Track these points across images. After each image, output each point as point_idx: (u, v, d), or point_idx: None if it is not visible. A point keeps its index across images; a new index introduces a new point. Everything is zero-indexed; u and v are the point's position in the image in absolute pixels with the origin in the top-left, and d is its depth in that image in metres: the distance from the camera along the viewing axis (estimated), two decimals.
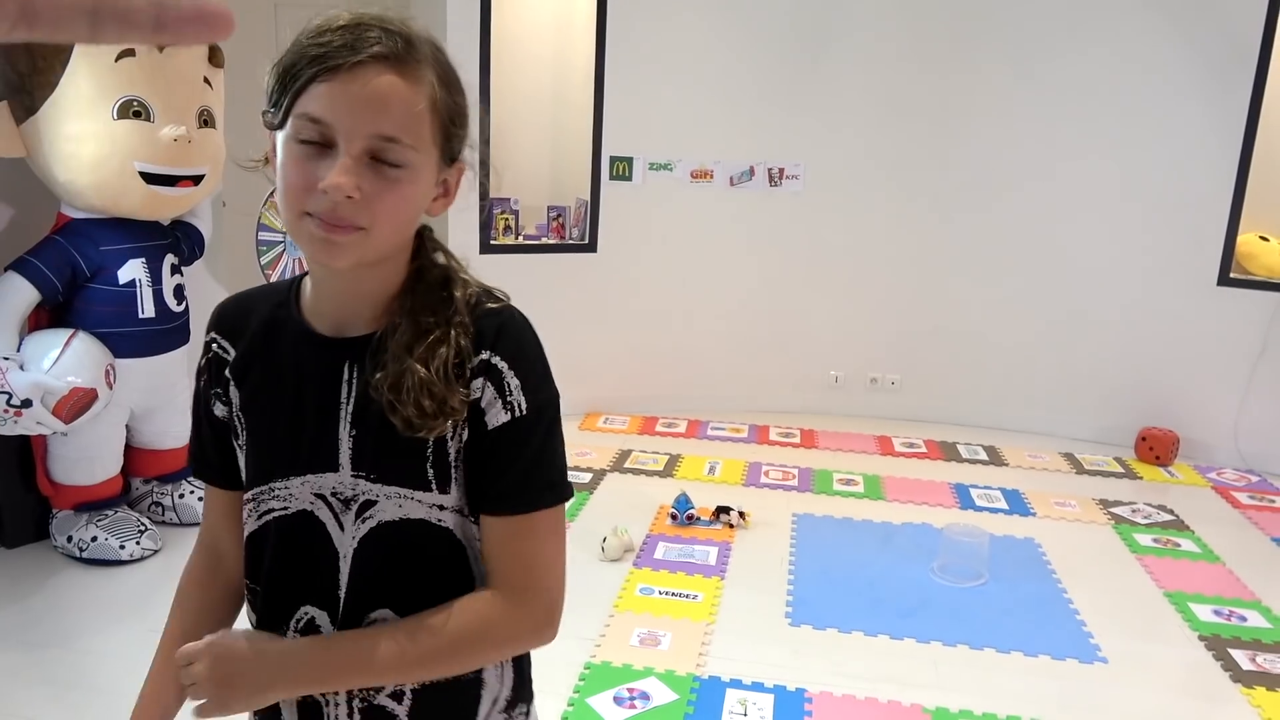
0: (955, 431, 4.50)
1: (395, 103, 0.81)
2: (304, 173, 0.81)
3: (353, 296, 0.90)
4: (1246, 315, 4.14)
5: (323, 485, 0.91)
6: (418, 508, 0.89)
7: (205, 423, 0.99)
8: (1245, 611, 2.86)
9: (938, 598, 2.88)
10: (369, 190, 0.81)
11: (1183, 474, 4.09)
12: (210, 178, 3.03)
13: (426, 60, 0.84)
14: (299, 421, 0.91)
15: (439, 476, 0.89)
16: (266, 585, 0.96)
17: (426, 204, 0.89)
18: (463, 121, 0.89)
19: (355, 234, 0.82)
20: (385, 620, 0.90)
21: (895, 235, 4.55)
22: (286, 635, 0.94)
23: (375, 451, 0.89)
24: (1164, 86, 4.13)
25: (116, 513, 2.95)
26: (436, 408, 0.85)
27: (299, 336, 0.92)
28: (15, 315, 2.69)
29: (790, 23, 4.39)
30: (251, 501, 0.95)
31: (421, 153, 0.84)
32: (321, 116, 0.81)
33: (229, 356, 0.96)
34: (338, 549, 0.91)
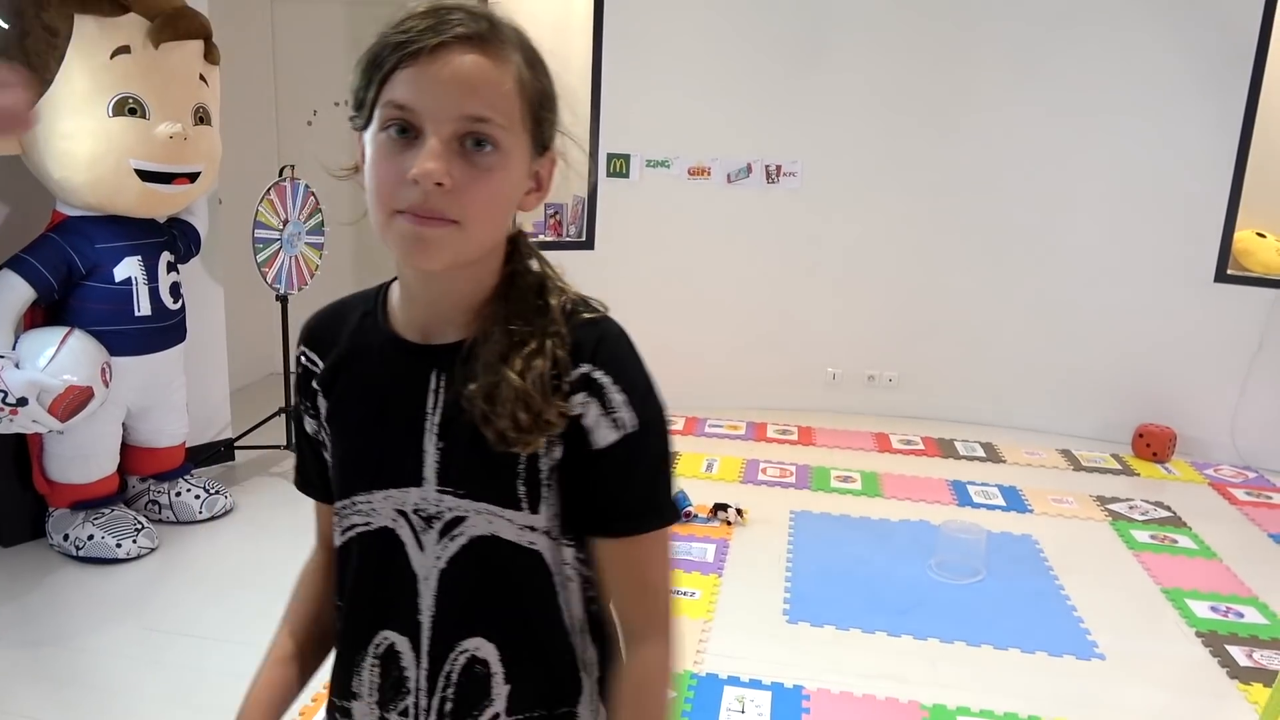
0: (953, 429, 4.50)
1: (481, 82, 0.78)
2: (393, 166, 0.77)
3: (443, 302, 0.85)
4: (1243, 312, 4.14)
5: (405, 501, 0.87)
6: (507, 527, 0.85)
7: (303, 437, 0.97)
8: (1242, 608, 2.86)
9: (935, 595, 2.88)
10: (460, 179, 0.77)
11: (1180, 471, 4.09)
12: (206, 175, 3.02)
13: (511, 42, 0.81)
14: (382, 433, 0.88)
15: (530, 495, 0.84)
16: (348, 605, 0.93)
17: (519, 197, 0.84)
18: (552, 107, 0.85)
19: (448, 228, 0.77)
20: (478, 653, 0.86)
21: (892, 233, 4.55)
22: (365, 661, 0.90)
23: (464, 465, 0.85)
24: (1161, 84, 4.13)
25: (113, 511, 2.94)
26: (532, 421, 0.80)
27: (385, 344, 0.88)
28: (11, 313, 2.68)
29: (787, 20, 4.39)
30: (339, 516, 0.92)
31: (512, 134, 0.80)
32: (407, 102, 0.77)
33: (316, 369, 0.93)
34: (416, 571, 0.87)
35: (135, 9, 2.72)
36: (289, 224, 3.54)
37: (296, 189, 3.55)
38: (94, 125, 2.70)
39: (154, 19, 2.76)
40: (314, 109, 4.86)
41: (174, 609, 2.65)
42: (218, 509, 3.22)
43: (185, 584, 2.80)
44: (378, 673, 0.91)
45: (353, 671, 0.92)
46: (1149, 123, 4.18)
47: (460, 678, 0.88)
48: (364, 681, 0.91)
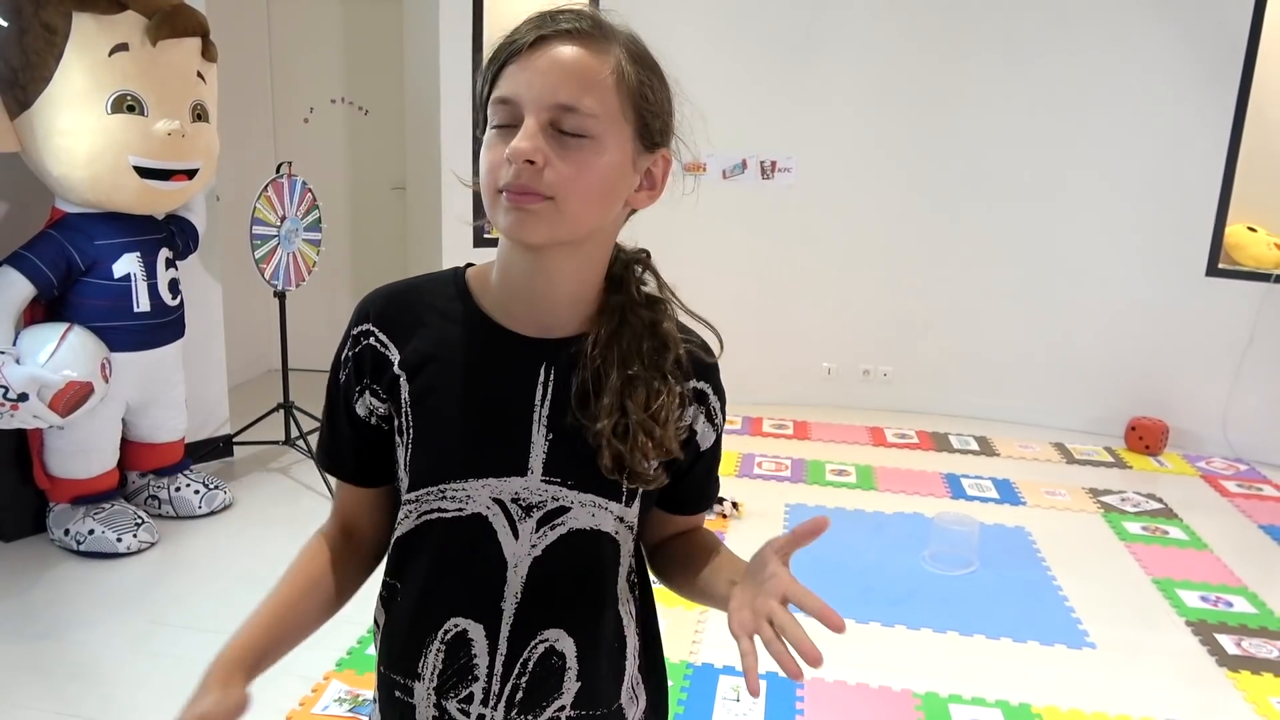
0: (947, 422, 4.53)
1: (576, 72, 0.81)
2: (496, 152, 0.81)
3: (549, 294, 0.87)
4: (1235, 305, 4.17)
5: (504, 490, 0.88)
6: (607, 518, 0.89)
7: (343, 418, 0.94)
8: (1232, 597, 2.90)
9: (928, 585, 2.91)
10: (554, 158, 0.80)
11: (1172, 463, 4.13)
12: (204, 172, 3.04)
13: (614, 38, 0.84)
14: (485, 422, 0.88)
15: (630, 490, 0.89)
16: (417, 591, 0.92)
17: (623, 188, 0.86)
18: (660, 106, 0.87)
19: (543, 203, 0.80)
20: (556, 644, 0.90)
21: (887, 228, 4.57)
22: (432, 646, 0.90)
23: (573, 457, 0.87)
24: (1153, 80, 4.16)
25: (113, 506, 2.96)
26: (656, 460, 0.87)
27: (485, 332, 0.89)
28: (11, 309, 2.70)
29: (783, 16, 4.41)
30: (414, 502, 0.90)
31: (606, 124, 0.82)
32: (508, 95, 0.81)
33: (390, 351, 0.90)
34: (507, 559, 0.88)
35: (133, 6, 2.74)
36: (286, 220, 3.56)
37: (294, 185, 3.57)
38: (93, 122, 2.72)
39: (152, 16, 2.77)
40: (310, 106, 4.88)
41: (174, 603, 2.67)
42: (217, 504, 3.24)
43: (185, 578, 2.82)
44: (442, 658, 0.91)
45: (419, 654, 0.92)
46: (1140, 119, 4.21)
47: (536, 667, 0.90)
48: (428, 665, 0.92)
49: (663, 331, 0.89)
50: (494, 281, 0.90)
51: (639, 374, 0.86)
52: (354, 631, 2.50)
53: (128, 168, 2.78)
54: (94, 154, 2.73)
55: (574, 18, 0.83)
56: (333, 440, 0.96)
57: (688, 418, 0.91)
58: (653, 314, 0.89)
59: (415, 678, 0.93)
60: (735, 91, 4.42)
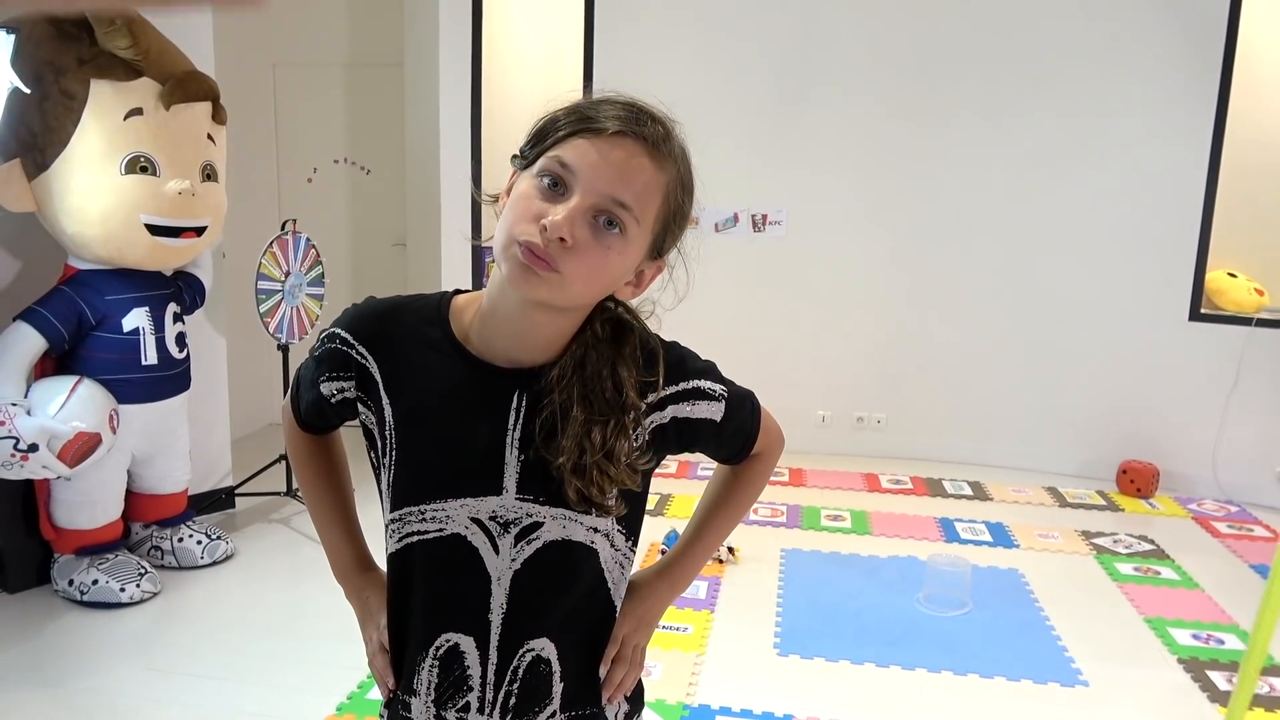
0: (940, 468, 4.58)
1: (639, 179, 0.88)
2: (534, 207, 0.86)
3: (530, 334, 0.93)
4: (1219, 349, 4.26)
5: (481, 509, 0.94)
6: (578, 529, 0.95)
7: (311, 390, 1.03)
8: (1223, 635, 2.93)
9: (923, 626, 2.94)
10: (581, 242, 0.86)
11: (1164, 505, 4.17)
12: (212, 229, 3.14)
13: (675, 157, 0.92)
14: (462, 445, 0.94)
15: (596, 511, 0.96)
16: (406, 610, 0.99)
17: (619, 283, 0.93)
18: (681, 224, 0.96)
19: (552, 275, 0.86)
20: (542, 652, 0.97)
21: (876, 278, 4.68)
22: (425, 662, 0.98)
23: (544, 475, 0.93)
24: (1131, 131, 4.30)
25: (117, 556, 3.01)
26: (612, 492, 0.94)
27: (462, 361, 0.95)
28: (23, 363, 2.78)
29: (771, 75, 4.58)
30: (396, 522, 0.97)
31: (639, 231, 0.89)
32: (572, 164, 0.86)
33: (371, 365, 0.97)
34: (490, 573, 0.95)
35: (148, 74, 2.87)
36: (290, 275, 3.66)
37: (298, 242, 3.67)
38: (107, 183, 2.83)
39: (165, 82, 2.90)
40: (314, 166, 5.02)
41: (176, 651, 2.70)
42: (219, 554, 3.28)
43: (187, 627, 2.85)
44: (436, 672, 0.98)
45: (413, 670, 1.00)
46: (1119, 169, 4.34)
47: (526, 674, 0.98)
48: (423, 680, 0.99)
49: (622, 363, 0.94)
50: (481, 311, 0.96)
51: (595, 415, 0.92)
52: (354, 676, 2.53)
53: (139, 225, 2.88)
54: (107, 212, 2.84)
55: (656, 127, 0.90)
56: (307, 407, 1.07)
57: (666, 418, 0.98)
58: (615, 347, 0.95)
59: (412, 693, 1.00)
60: (726, 147, 4.56)
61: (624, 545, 1.02)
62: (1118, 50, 4.28)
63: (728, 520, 1.13)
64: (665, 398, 0.97)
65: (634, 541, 1.03)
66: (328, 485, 1.14)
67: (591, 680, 1.03)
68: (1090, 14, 4.30)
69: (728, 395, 1.02)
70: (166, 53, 2.97)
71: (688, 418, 0.99)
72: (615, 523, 0.99)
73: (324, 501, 1.14)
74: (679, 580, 1.12)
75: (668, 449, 1.01)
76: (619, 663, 1.04)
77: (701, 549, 1.13)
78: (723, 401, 1.02)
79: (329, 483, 1.14)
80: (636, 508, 1.02)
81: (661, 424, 0.98)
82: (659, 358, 0.97)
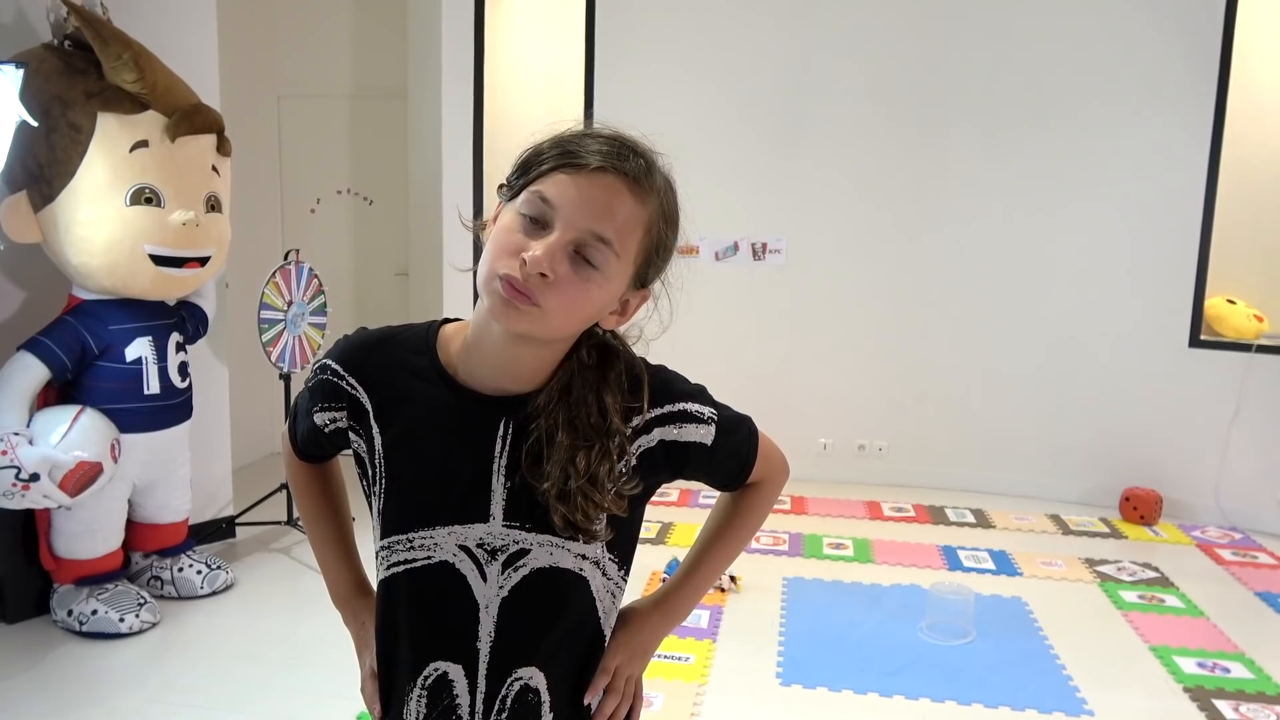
0: (943, 496, 4.57)
1: (620, 214, 0.88)
2: (515, 241, 0.88)
3: (514, 364, 0.94)
4: (1219, 376, 4.26)
5: (468, 536, 0.94)
6: (565, 556, 0.95)
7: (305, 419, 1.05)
8: (1229, 663, 2.91)
9: (926, 656, 2.92)
10: (561, 276, 0.86)
11: (1167, 533, 4.16)
12: (215, 259, 3.16)
13: (657, 190, 0.92)
14: (449, 473, 0.94)
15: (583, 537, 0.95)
16: (396, 636, 0.99)
17: (603, 313, 0.94)
18: (666, 255, 0.96)
19: (532, 309, 0.87)
20: (530, 681, 0.96)
21: (877, 305, 4.70)
22: (413, 692, 0.97)
23: (530, 502, 0.93)
24: (1128, 158, 4.34)
25: (116, 586, 3.00)
26: (598, 518, 0.93)
27: (449, 390, 0.95)
28: (26, 392, 2.79)
29: (770, 104, 4.63)
30: (385, 550, 0.97)
31: (620, 264, 0.90)
32: (552, 199, 0.87)
33: (361, 395, 0.98)
34: (478, 600, 0.94)
35: (154, 106, 2.90)
36: (293, 305, 3.68)
37: (301, 272, 3.70)
38: (112, 214, 2.85)
39: (171, 115, 2.94)
40: (317, 197, 5.06)
41: (176, 682, 2.68)
42: (219, 584, 3.27)
43: (186, 658, 2.83)
44: (425, 702, 0.97)
45: (402, 700, 0.99)
46: (1118, 195, 4.37)
47: (514, 704, 0.97)
48: (412, 710, 0.98)
49: (607, 387, 0.95)
50: (466, 341, 0.96)
51: (580, 441, 0.92)
52: (353, 707, 2.51)
53: (143, 256, 2.90)
54: (112, 243, 2.86)
55: (638, 162, 0.90)
56: (302, 435, 1.09)
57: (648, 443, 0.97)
58: (600, 372, 0.96)
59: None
60: (725, 177, 4.60)
61: (615, 574, 1.01)
62: (1114, 80, 4.32)
63: (728, 550, 1.12)
64: (651, 420, 0.97)
65: (625, 571, 1.02)
66: (326, 512, 1.16)
67: (580, 711, 1.02)
68: (1086, 44, 4.35)
69: (718, 419, 1.01)
70: (173, 86, 3.00)
71: (675, 440, 0.98)
72: (606, 551, 0.98)
73: (323, 528, 1.15)
74: (676, 611, 1.10)
75: (658, 474, 0.99)
76: (610, 694, 1.03)
77: (700, 579, 1.11)
78: (712, 425, 1.00)
79: (327, 510, 1.16)
80: (628, 536, 1.01)
81: (649, 448, 0.97)
82: (644, 382, 0.97)
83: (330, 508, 1.16)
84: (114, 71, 2.81)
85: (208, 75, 3.49)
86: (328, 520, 1.16)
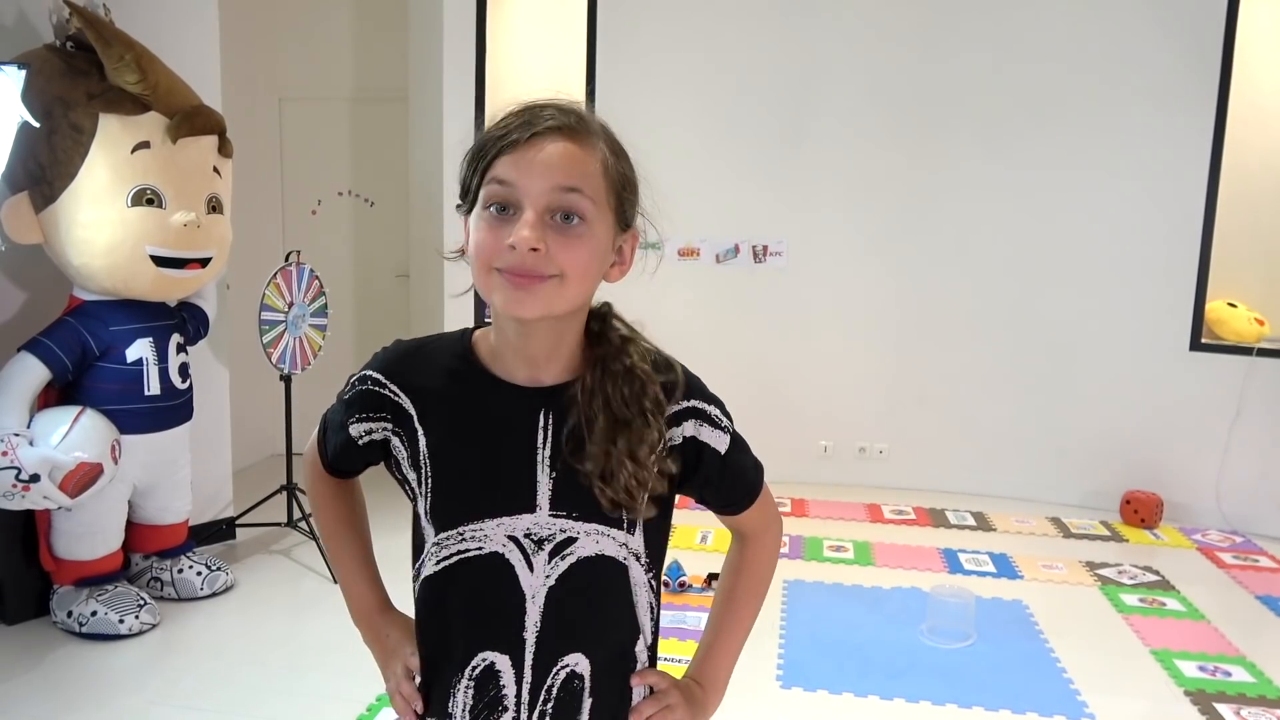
0: (943, 499, 4.56)
1: (571, 162, 0.90)
2: (493, 235, 0.90)
3: (540, 351, 0.97)
4: (1220, 379, 4.26)
5: (516, 526, 0.97)
6: (610, 544, 0.98)
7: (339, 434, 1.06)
8: (1230, 667, 2.90)
9: (926, 659, 2.91)
10: (553, 244, 0.89)
11: (1168, 536, 4.15)
12: (216, 261, 3.17)
13: (596, 132, 0.94)
14: (495, 466, 0.98)
15: (630, 520, 0.99)
16: (445, 628, 1.01)
17: (606, 265, 0.96)
18: (633, 190, 0.98)
19: (548, 282, 0.89)
20: (576, 668, 0.99)
21: (877, 308, 4.70)
22: (460, 684, 0.99)
23: (575, 491, 0.96)
24: (1129, 161, 4.34)
25: (116, 588, 2.99)
26: (642, 494, 0.96)
27: (488, 387, 0.98)
28: (27, 393, 2.79)
29: (771, 107, 4.63)
30: (435, 546, 1.00)
31: (597, 209, 0.92)
32: (507, 178, 0.90)
33: (405, 403, 1.00)
34: (525, 591, 0.97)
35: (156, 108, 2.90)
36: (294, 306, 3.68)
37: (301, 273, 3.70)
38: (113, 215, 2.85)
39: (173, 116, 2.94)
40: (318, 198, 5.07)
41: (176, 684, 2.68)
42: (219, 586, 3.27)
43: (186, 659, 2.83)
44: (471, 694, 0.99)
45: (446, 694, 1.01)
46: (1119, 199, 4.37)
47: (560, 691, 0.99)
48: (458, 703, 1.00)
49: (639, 373, 0.98)
50: (492, 343, 1.00)
51: (621, 420, 0.95)
52: (354, 709, 2.50)
53: (144, 257, 2.91)
54: (113, 244, 2.86)
55: (561, 114, 0.92)
56: (333, 450, 1.09)
57: (679, 436, 1.00)
58: (629, 358, 0.99)
59: (446, 717, 1.01)
60: (726, 180, 4.60)
61: (649, 574, 1.04)
62: (1115, 82, 4.33)
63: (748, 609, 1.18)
64: (683, 411, 1.00)
65: (656, 575, 1.05)
66: (349, 530, 1.16)
67: (623, 699, 1.04)
68: (1087, 47, 4.35)
69: (733, 432, 1.05)
70: (175, 87, 3.01)
71: (695, 437, 1.01)
72: (643, 547, 1.02)
73: (345, 545, 1.16)
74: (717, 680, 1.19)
75: (683, 468, 1.02)
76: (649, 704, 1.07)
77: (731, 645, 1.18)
78: (729, 435, 1.04)
79: (350, 527, 1.16)
80: (658, 541, 1.04)
81: (677, 442, 1.00)
82: (676, 369, 1.02)
83: (353, 525, 1.17)
84: (116, 73, 2.81)
85: (209, 77, 3.49)
86: (350, 537, 1.16)
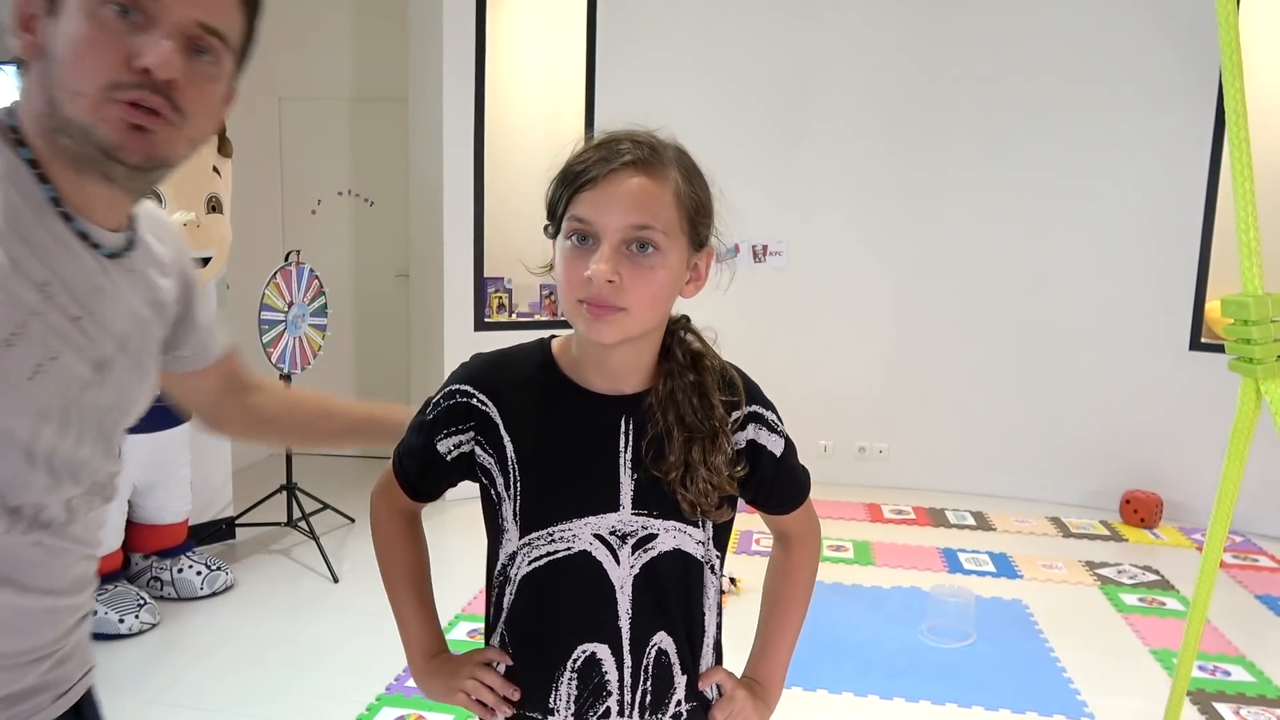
0: (943, 499, 4.56)
1: (644, 198, 0.96)
2: (575, 268, 0.97)
3: (620, 364, 1.03)
4: (1219, 378, 4.21)
5: (601, 525, 1.03)
6: (687, 540, 1.06)
7: (424, 452, 1.07)
8: (1230, 666, 2.90)
9: (926, 658, 2.91)
10: (626, 276, 0.95)
11: (1167, 535, 4.15)
12: (216, 260, 3.17)
13: (670, 161, 1.00)
14: (580, 470, 1.04)
15: (703, 516, 1.06)
16: (543, 625, 1.06)
17: (679, 287, 1.03)
18: (707, 211, 1.04)
19: (618, 314, 0.96)
20: (663, 645, 1.05)
21: (877, 308, 4.70)
22: (563, 676, 1.04)
23: (656, 492, 1.03)
24: (1129, 160, 4.34)
25: (116, 587, 2.99)
26: (718, 498, 1.03)
27: (571, 394, 1.04)
28: None
29: (771, 106, 4.63)
30: (525, 547, 1.05)
31: (670, 239, 0.98)
32: (585, 216, 0.96)
33: (491, 410, 1.05)
34: (614, 582, 1.03)
35: None
36: (294, 306, 3.68)
37: (301, 273, 3.70)
38: None
39: None
40: (318, 198, 5.07)
41: (175, 683, 2.68)
42: (218, 585, 3.27)
43: (186, 659, 2.83)
44: (575, 684, 1.04)
45: (549, 688, 1.05)
46: (1117, 199, 4.38)
47: (654, 670, 1.06)
48: (561, 695, 1.05)
49: (706, 388, 1.05)
50: (573, 355, 1.06)
51: (694, 431, 1.03)
52: (354, 709, 2.50)
53: None
54: None
55: (634, 148, 0.98)
56: (412, 468, 1.11)
57: (742, 440, 1.07)
58: (697, 374, 1.06)
59: (549, 712, 1.05)
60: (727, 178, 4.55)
61: (716, 571, 1.10)
62: (1115, 81, 4.33)
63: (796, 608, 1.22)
64: (746, 417, 1.07)
65: (719, 571, 1.12)
66: (415, 569, 1.16)
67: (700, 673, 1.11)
68: (1087, 46, 4.35)
69: (785, 435, 1.12)
70: None
71: (755, 440, 1.08)
72: (713, 545, 1.08)
73: (407, 585, 1.16)
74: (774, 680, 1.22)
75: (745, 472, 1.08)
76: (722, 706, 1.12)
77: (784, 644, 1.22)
78: (783, 439, 1.11)
79: (416, 566, 1.16)
80: (721, 541, 1.10)
81: (741, 446, 1.07)
82: (738, 381, 1.08)
83: (419, 564, 1.17)
84: None
85: None
86: (414, 577, 1.16)
